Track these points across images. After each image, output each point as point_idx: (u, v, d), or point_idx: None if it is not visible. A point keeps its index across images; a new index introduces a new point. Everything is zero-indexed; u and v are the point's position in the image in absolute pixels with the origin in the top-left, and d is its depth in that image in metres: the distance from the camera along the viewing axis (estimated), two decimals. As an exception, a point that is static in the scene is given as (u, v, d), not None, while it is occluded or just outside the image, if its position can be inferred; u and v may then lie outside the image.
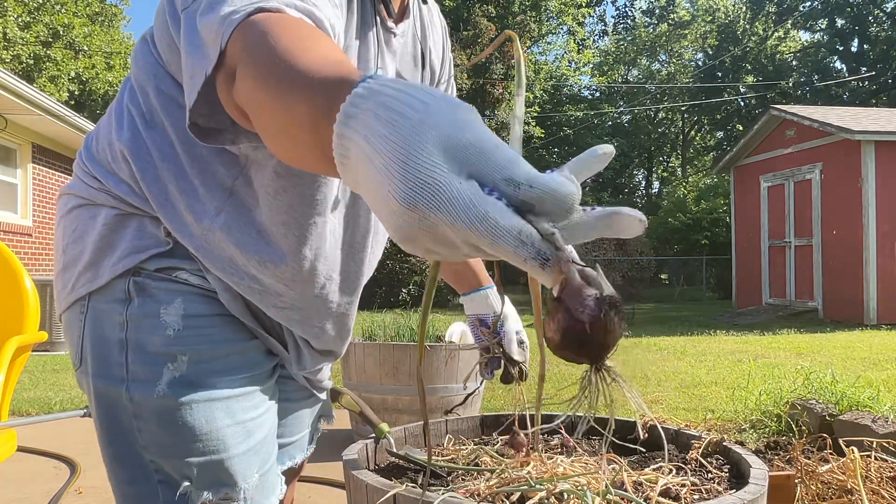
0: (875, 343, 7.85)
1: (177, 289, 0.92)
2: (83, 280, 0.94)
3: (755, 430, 3.51)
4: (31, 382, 5.58)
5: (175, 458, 0.90)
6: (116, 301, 0.91)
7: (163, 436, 0.90)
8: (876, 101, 30.00)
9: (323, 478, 2.98)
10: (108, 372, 0.91)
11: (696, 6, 36.05)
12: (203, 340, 0.91)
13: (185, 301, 0.91)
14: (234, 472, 0.93)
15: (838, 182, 10.95)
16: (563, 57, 32.93)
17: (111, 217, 0.93)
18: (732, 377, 5.49)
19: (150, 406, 0.89)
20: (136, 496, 0.95)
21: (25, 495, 2.95)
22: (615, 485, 1.13)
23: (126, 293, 0.91)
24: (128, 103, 0.94)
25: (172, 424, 0.89)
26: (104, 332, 0.92)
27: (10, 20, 22.90)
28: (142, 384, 0.89)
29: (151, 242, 0.92)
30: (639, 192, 40.51)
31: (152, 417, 0.89)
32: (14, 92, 7.72)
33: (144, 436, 0.90)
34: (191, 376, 0.90)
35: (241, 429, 0.93)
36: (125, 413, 0.90)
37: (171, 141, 0.90)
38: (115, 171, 0.93)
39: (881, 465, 2.05)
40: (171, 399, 0.89)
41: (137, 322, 0.90)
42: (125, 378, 0.90)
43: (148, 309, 0.90)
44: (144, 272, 0.91)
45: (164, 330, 0.90)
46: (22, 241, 9.06)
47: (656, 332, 9.38)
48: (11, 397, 2.18)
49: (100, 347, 0.92)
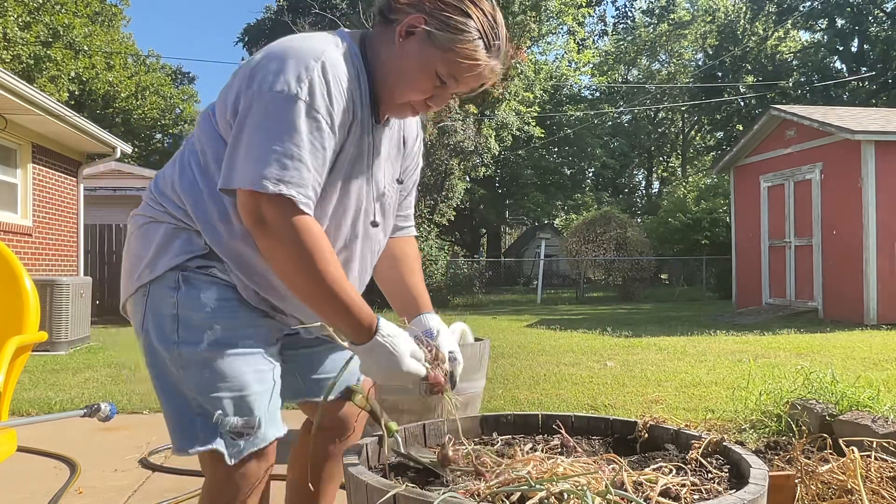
0: (875, 343, 7.85)
1: (211, 281, 1.32)
2: (146, 273, 1.33)
3: (755, 430, 3.51)
4: (31, 382, 5.58)
5: (211, 394, 1.28)
6: (169, 288, 1.31)
7: (203, 379, 1.29)
8: (876, 101, 29.98)
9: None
10: (164, 337, 1.30)
11: (696, 6, 36.04)
12: (229, 315, 1.32)
13: (217, 289, 1.32)
14: (251, 404, 1.30)
15: (838, 182, 10.95)
16: (563, 57, 32.91)
17: (169, 230, 1.34)
18: (732, 377, 5.49)
19: (195, 359, 1.29)
20: (181, 424, 1.31)
21: (25, 495, 2.95)
22: (615, 485, 1.13)
23: (176, 283, 1.31)
24: (188, 156, 1.36)
25: (211, 371, 1.28)
26: (160, 309, 1.31)
27: (10, 20, 22.88)
28: (189, 345, 1.29)
29: (195, 248, 1.32)
30: (639, 192, 40.50)
31: (196, 367, 1.29)
32: (14, 92, 7.72)
33: (189, 381, 1.29)
34: (222, 339, 1.30)
35: (256, 375, 1.32)
36: (175, 365, 1.30)
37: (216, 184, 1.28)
38: (174, 200, 1.35)
39: (881, 465, 2.05)
40: (210, 354, 1.29)
41: (184, 303, 1.30)
42: (176, 341, 1.29)
43: (192, 294, 1.31)
44: (189, 269, 1.32)
45: (203, 308, 1.30)
46: (22, 241, 9.06)
47: (656, 332, 9.38)
48: (11, 397, 2.18)
49: (157, 320, 1.31)
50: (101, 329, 10.49)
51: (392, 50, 1.31)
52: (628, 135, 35.32)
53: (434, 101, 1.35)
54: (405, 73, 1.30)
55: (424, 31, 1.27)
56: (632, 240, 18.08)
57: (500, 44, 1.31)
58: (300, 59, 1.22)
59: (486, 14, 1.28)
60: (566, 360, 6.76)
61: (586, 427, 1.58)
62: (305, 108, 1.20)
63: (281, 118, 1.19)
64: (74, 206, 10.82)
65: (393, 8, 1.30)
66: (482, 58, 1.28)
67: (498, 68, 1.33)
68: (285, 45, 1.26)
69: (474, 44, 1.27)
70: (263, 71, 1.23)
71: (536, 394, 5.01)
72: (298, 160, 1.20)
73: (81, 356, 7.22)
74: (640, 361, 6.58)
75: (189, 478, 3.15)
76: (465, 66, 1.28)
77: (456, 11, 1.26)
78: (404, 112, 1.39)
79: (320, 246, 1.21)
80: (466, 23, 1.26)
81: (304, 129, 1.21)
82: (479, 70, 1.30)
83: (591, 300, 18.15)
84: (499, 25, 1.31)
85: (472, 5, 1.28)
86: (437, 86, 1.32)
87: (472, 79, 1.32)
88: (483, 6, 1.29)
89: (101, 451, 3.61)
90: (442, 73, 1.29)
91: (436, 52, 1.28)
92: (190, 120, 35.93)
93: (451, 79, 1.31)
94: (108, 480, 3.15)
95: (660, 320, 11.55)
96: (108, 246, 13.87)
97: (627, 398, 4.78)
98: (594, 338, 8.87)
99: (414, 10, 1.28)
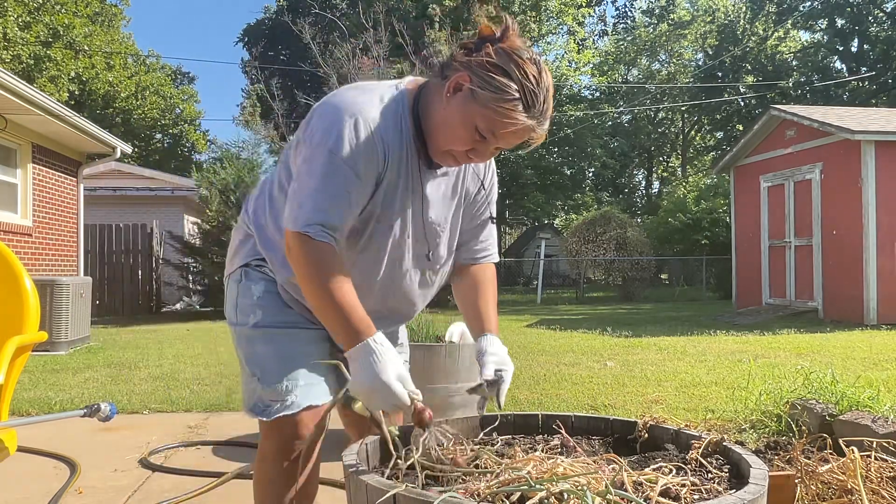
0: (875, 343, 7.85)
1: (263, 277, 1.65)
2: (228, 267, 1.74)
3: (755, 430, 3.51)
4: (31, 382, 5.58)
5: (253, 363, 1.63)
6: (235, 281, 1.69)
7: (247, 353, 1.65)
8: (876, 101, 29.99)
9: (323, 478, 2.98)
10: (231, 317, 1.69)
11: (696, 6, 36.04)
12: (269, 304, 1.63)
13: (265, 283, 1.64)
14: (277, 375, 1.59)
15: (838, 182, 10.95)
16: (563, 57, 32.92)
17: (245, 237, 1.70)
18: (732, 377, 5.49)
19: (244, 336, 1.66)
20: (249, 386, 1.63)
21: (25, 495, 2.95)
22: (615, 485, 1.13)
23: (240, 277, 1.68)
24: (268, 179, 1.70)
25: (252, 347, 1.64)
26: (230, 296, 1.70)
27: (10, 20, 22.88)
28: (240, 325, 1.66)
29: (255, 253, 1.66)
30: (639, 192, 40.51)
31: (245, 342, 1.65)
32: (14, 92, 7.72)
33: (246, 350, 1.65)
34: (261, 322, 1.63)
35: (287, 353, 1.61)
36: (239, 338, 1.67)
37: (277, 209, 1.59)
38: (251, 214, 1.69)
39: (881, 465, 2.05)
40: (252, 332, 1.64)
41: (242, 292, 1.66)
42: (235, 322, 1.68)
43: (247, 285, 1.66)
44: (250, 266, 1.67)
45: (252, 297, 1.64)
46: (22, 241, 9.06)
47: (656, 332, 9.38)
48: (11, 397, 2.18)
49: (229, 304, 1.70)
50: (101, 329, 10.48)
51: (441, 103, 1.45)
52: (628, 135, 35.31)
53: (475, 154, 1.47)
54: (448, 125, 1.45)
55: (469, 88, 1.39)
56: (632, 240, 18.07)
57: (541, 106, 1.39)
58: (337, 116, 1.44)
59: (529, 76, 1.37)
60: (566, 360, 6.76)
61: (586, 427, 1.58)
62: (333, 157, 1.42)
63: (314, 167, 1.43)
64: (74, 206, 10.82)
65: (449, 65, 1.46)
66: (520, 118, 1.38)
67: (539, 128, 1.42)
68: (331, 101, 1.49)
69: (513, 104, 1.36)
70: (310, 124, 1.48)
71: (536, 394, 5.01)
72: (324, 203, 1.41)
73: (81, 356, 7.22)
74: (640, 361, 6.58)
75: (189, 478, 3.15)
76: (502, 124, 1.38)
77: (499, 72, 1.37)
78: (446, 160, 1.52)
79: (325, 264, 1.41)
80: (508, 84, 1.36)
81: (331, 175, 1.42)
82: (515, 128, 1.39)
83: (591, 300, 18.15)
84: (541, 88, 1.39)
85: (517, 68, 1.37)
86: (478, 139, 1.43)
87: (511, 136, 1.41)
88: (527, 69, 1.37)
89: (101, 451, 3.61)
90: (481, 128, 1.40)
91: (477, 108, 1.39)
92: (190, 120, 35.94)
93: (490, 134, 1.41)
94: (108, 480, 3.15)
95: (660, 320, 11.55)
96: (108, 246, 13.87)
97: (627, 398, 4.78)
98: (594, 338, 8.87)
99: (464, 68, 1.41)
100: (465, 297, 1.73)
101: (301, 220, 1.40)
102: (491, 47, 1.40)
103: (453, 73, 1.43)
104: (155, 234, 14.15)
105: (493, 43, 1.41)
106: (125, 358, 7.08)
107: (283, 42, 31.88)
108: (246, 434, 3.87)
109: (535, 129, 1.41)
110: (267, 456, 1.62)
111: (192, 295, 15.00)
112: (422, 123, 1.50)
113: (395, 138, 1.48)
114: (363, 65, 14.93)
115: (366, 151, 1.43)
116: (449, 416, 1.44)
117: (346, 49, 15.25)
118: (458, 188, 1.66)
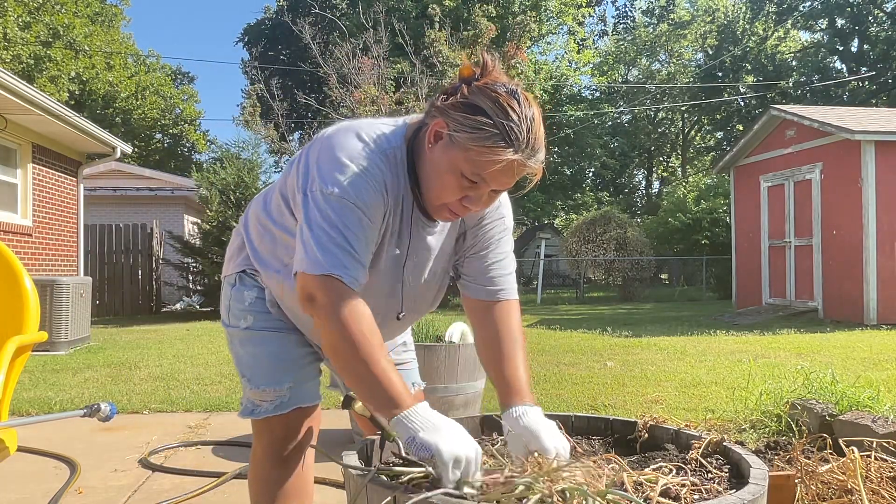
0: (875, 343, 7.85)
1: (255, 284, 1.66)
2: (224, 270, 1.76)
3: (755, 430, 3.51)
4: (31, 382, 5.58)
5: (244, 364, 1.66)
6: (230, 284, 1.70)
7: (241, 351, 1.67)
8: (876, 101, 29.99)
9: (323, 478, 2.98)
10: (224, 319, 1.72)
11: (696, 6, 36.02)
12: (260, 310, 1.65)
13: (257, 291, 1.65)
14: (266, 376, 1.61)
15: (838, 182, 10.94)
16: (563, 57, 32.91)
17: (241, 244, 1.70)
18: (732, 377, 5.49)
19: (235, 339, 1.68)
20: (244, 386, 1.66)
21: (25, 495, 2.95)
22: (615, 485, 1.13)
23: (234, 281, 1.69)
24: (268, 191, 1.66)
25: (242, 350, 1.67)
26: (224, 299, 1.71)
27: (10, 20, 22.88)
28: (232, 328, 1.68)
29: (251, 262, 1.66)
30: (639, 192, 40.49)
31: (236, 344, 1.68)
32: (14, 92, 7.72)
33: (237, 351, 1.68)
34: (252, 325, 1.65)
35: (272, 354, 1.63)
36: (231, 339, 1.70)
37: (273, 236, 1.58)
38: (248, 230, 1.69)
39: (881, 465, 2.05)
40: (242, 336, 1.66)
41: (235, 296, 1.68)
42: (227, 324, 1.70)
43: (240, 290, 1.67)
44: (245, 273, 1.68)
45: (244, 301, 1.66)
46: (22, 241, 9.06)
47: (656, 332, 9.38)
48: (11, 397, 2.18)
49: (223, 306, 1.72)
50: (101, 329, 10.48)
51: (425, 155, 1.38)
52: (628, 135, 35.29)
53: (470, 203, 1.37)
54: (435, 176, 1.36)
55: (447, 134, 1.32)
56: (632, 240, 18.06)
57: (524, 137, 1.28)
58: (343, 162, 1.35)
59: (506, 109, 1.27)
60: (566, 360, 6.76)
61: (586, 427, 1.58)
62: (343, 202, 1.32)
63: (321, 212, 1.32)
64: (74, 206, 10.81)
65: (429, 113, 1.37)
66: (503, 155, 1.27)
67: (531, 161, 1.31)
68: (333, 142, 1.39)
69: (492, 141, 1.27)
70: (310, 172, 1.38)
71: (536, 394, 4.99)
72: (342, 245, 1.31)
73: (81, 356, 7.22)
74: (640, 361, 6.58)
75: (189, 478, 3.16)
76: (486, 164, 1.29)
77: (472, 111, 1.28)
78: (443, 214, 1.43)
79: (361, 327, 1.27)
80: (484, 121, 1.27)
81: (341, 214, 1.32)
82: (502, 166, 1.28)
83: (591, 300, 18.15)
84: (523, 119, 1.29)
85: (492, 103, 1.28)
86: (467, 186, 1.34)
87: (500, 175, 1.31)
88: (503, 102, 1.28)
89: (101, 451, 3.62)
90: (467, 172, 1.31)
91: (458, 153, 1.30)
92: (190, 120, 35.94)
93: (478, 177, 1.32)
94: (108, 480, 3.15)
95: (660, 320, 11.54)
96: (108, 246, 13.87)
97: (627, 398, 4.78)
98: (594, 338, 8.87)
99: (440, 114, 1.33)
100: (487, 354, 1.53)
101: (324, 263, 1.29)
102: (466, 88, 1.32)
103: (431, 120, 1.36)
104: (155, 234, 14.14)
105: (469, 84, 1.33)
106: (125, 358, 7.08)
107: (283, 42, 31.89)
108: (246, 434, 3.87)
109: (526, 162, 1.30)
110: (259, 456, 1.65)
111: (192, 295, 14.99)
112: (417, 175, 1.42)
113: (393, 187, 1.41)
114: (363, 65, 14.93)
115: (373, 199, 1.35)
116: (449, 416, 1.44)
117: (346, 49, 15.24)
118: (453, 234, 1.58)
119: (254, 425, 1.66)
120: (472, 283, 1.58)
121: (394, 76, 15.94)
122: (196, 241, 13.95)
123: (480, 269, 1.57)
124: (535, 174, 1.35)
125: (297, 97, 18.79)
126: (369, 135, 1.40)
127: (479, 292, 1.57)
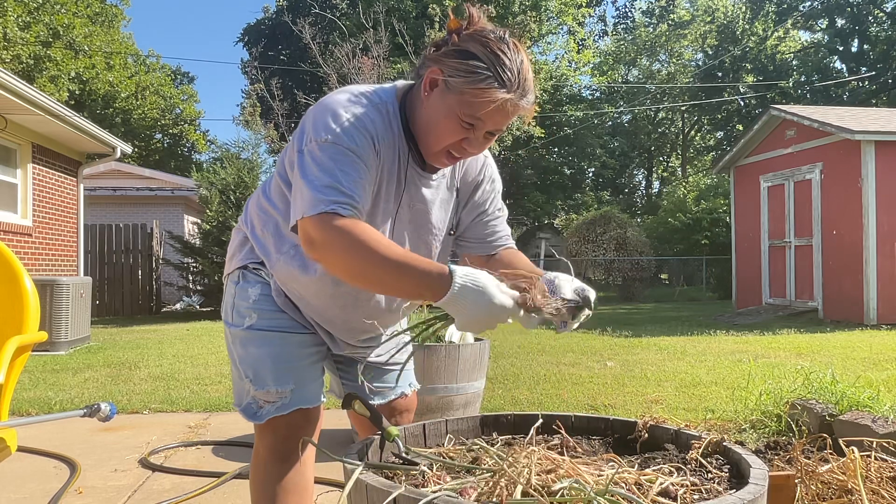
0: (875, 343, 7.85)
1: (259, 280, 1.66)
2: (227, 268, 1.75)
3: (755, 430, 3.51)
4: (31, 382, 5.58)
5: (246, 364, 1.64)
6: (233, 282, 1.70)
7: (242, 351, 1.65)
8: (876, 101, 29.99)
9: (323, 478, 2.98)
10: (226, 317, 1.70)
11: (696, 6, 36.00)
12: (264, 307, 1.64)
13: (261, 287, 1.65)
14: (269, 377, 1.61)
15: (838, 182, 10.95)
16: (563, 57, 32.89)
17: (243, 239, 1.70)
18: (732, 377, 5.49)
19: (238, 337, 1.65)
20: (236, 385, 1.68)
21: (25, 495, 2.95)
22: (615, 485, 1.13)
23: (238, 278, 1.68)
24: (266, 183, 1.67)
25: (245, 348, 1.64)
26: (227, 297, 1.71)
27: (10, 20, 22.87)
28: (235, 326, 1.66)
29: (254, 256, 1.67)
30: (639, 192, 40.47)
31: (239, 343, 1.65)
32: (14, 92, 7.72)
33: (239, 351, 1.65)
34: (256, 324, 1.63)
35: (275, 354, 1.62)
36: (233, 339, 1.67)
37: (276, 221, 1.60)
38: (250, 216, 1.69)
39: (881, 465, 2.05)
40: (246, 334, 1.64)
41: (239, 293, 1.67)
42: (230, 322, 1.68)
43: (244, 287, 1.66)
44: (248, 269, 1.67)
45: (248, 299, 1.65)
46: (22, 241, 9.06)
47: (656, 332, 9.38)
48: (11, 397, 2.18)
49: (225, 304, 1.71)
50: (101, 329, 10.48)
51: (422, 104, 1.45)
52: (628, 135, 35.28)
53: (469, 144, 1.44)
54: (433, 122, 1.44)
55: (443, 80, 1.39)
56: (632, 240, 18.07)
57: (516, 77, 1.37)
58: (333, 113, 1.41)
59: (496, 52, 1.36)
60: (566, 360, 6.76)
61: (586, 427, 1.57)
62: (337, 147, 1.37)
63: (315, 160, 1.37)
64: (74, 206, 10.81)
65: (423, 65, 1.46)
66: (498, 94, 1.35)
67: (523, 101, 1.39)
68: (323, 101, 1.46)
69: (486, 82, 1.35)
70: (305, 130, 1.43)
71: (536, 394, 5.01)
72: (334, 184, 1.34)
73: (81, 356, 7.22)
74: (640, 361, 6.58)
75: (189, 478, 3.16)
76: (481, 104, 1.36)
77: (465, 56, 1.37)
78: (441, 160, 1.49)
79: (368, 235, 1.30)
80: (477, 64, 1.35)
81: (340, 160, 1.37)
82: (496, 106, 1.36)
83: (591, 300, 18.13)
84: (513, 61, 1.37)
85: (482, 47, 1.37)
86: (465, 128, 1.41)
87: (496, 114, 1.38)
88: (494, 46, 1.36)
89: (101, 451, 3.62)
90: (464, 115, 1.39)
91: (454, 97, 1.38)
92: (190, 120, 35.93)
93: (475, 119, 1.39)
94: (108, 480, 3.15)
95: (660, 320, 11.54)
96: (108, 246, 13.87)
97: (627, 398, 4.78)
98: (594, 338, 8.87)
99: (434, 63, 1.41)
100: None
101: (319, 202, 1.32)
102: (457, 37, 1.41)
103: (426, 71, 1.43)
104: (155, 234, 14.14)
105: (458, 34, 1.41)
106: (125, 358, 7.08)
107: (283, 42, 31.88)
108: (246, 434, 3.87)
109: (518, 102, 1.38)
110: (261, 456, 1.66)
111: (192, 295, 15.00)
112: (411, 128, 1.49)
113: (386, 136, 1.46)
114: (363, 65, 14.93)
115: (364, 144, 1.41)
116: (449, 416, 1.43)
117: (346, 49, 15.25)
118: (451, 188, 1.65)
119: (255, 426, 1.66)
120: (473, 244, 1.69)
121: (394, 76, 15.94)
122: (196, 241, 13.96)
123: (481, 231, 1.69)
124: (527, 115, 1.44)
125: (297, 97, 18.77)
126: (361, 91, 1.49)
127: (481, 249, 1.68)
